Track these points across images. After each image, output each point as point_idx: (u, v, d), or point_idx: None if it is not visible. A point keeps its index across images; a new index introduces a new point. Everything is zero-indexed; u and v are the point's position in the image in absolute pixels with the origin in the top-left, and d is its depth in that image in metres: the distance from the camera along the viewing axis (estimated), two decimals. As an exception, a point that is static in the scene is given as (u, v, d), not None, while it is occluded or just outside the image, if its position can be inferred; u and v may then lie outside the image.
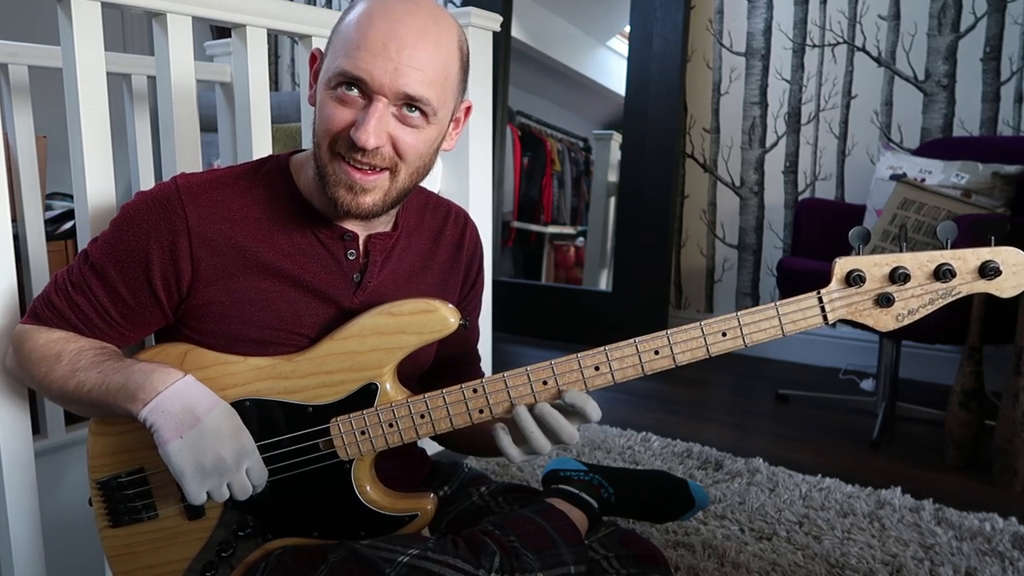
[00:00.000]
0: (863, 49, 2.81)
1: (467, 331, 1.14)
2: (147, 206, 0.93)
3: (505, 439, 0.91)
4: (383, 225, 1.01)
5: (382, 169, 0.90)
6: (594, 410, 0.89)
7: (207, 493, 0.87)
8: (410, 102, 0.87)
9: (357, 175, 0.89)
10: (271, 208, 0.96)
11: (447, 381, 0.94)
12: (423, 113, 0.88)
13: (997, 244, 0.85)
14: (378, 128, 0.86)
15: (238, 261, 0.94)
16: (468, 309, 1.15)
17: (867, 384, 2.64)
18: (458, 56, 0.92)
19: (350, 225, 0.97)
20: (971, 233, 1.84)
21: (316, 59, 0.96)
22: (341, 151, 0.89)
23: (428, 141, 0.91)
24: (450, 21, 0.91)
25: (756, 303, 3.13)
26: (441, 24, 0.89)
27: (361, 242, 0.99)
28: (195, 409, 0.86)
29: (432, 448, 1.72)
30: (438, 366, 1.11)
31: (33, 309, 0.98)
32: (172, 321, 0.97)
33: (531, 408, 0.90)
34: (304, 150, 1.02)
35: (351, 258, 0.98)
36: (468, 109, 1.00)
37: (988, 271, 0.84)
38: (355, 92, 0.87)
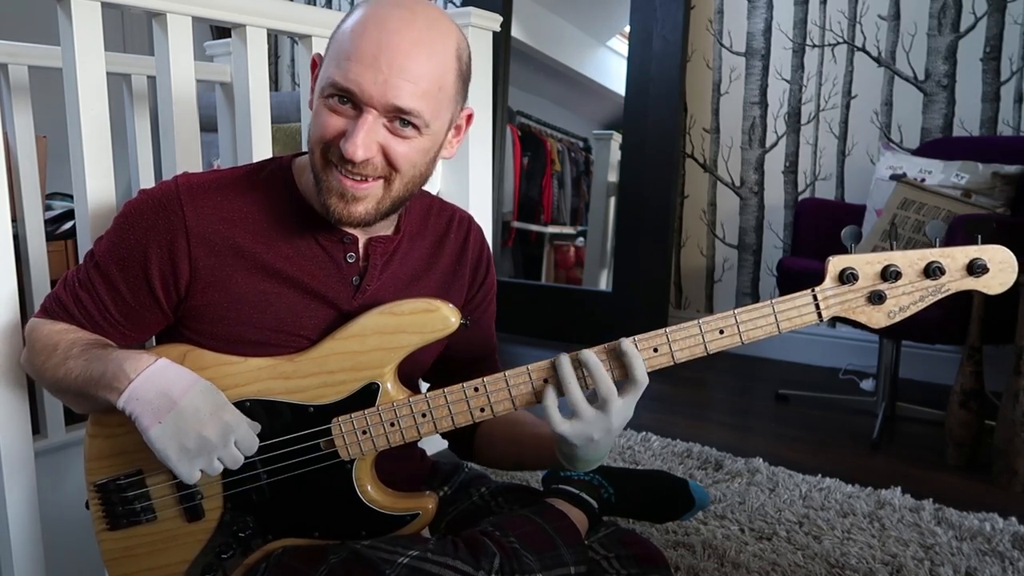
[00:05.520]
0: (863, 49, 2.81)
1: (483, 330, 1.15)
2: (147, 205, 0.94)
3: (551, 398, 0.88)
4: (384, 229, 1.00)
5: (375, 178, 0.89)
6: (640, 369, 0.87)
7: (200, 471, 0.87)
8: (400, 115, 0.86)
9: (349, 183, 0.88)
10: (271, 210, 0.96)
11: (467, 379, 0.93)
12: (415, 125, 0.87)
13: (984, 242, 0.87)
14: (367, 140, 0.85)
15: (237, 262, 0.94)
16: (479, 311, 1.14)
17: (867, 384, 2.63)
18: (455, 66, 0.90)
19: (350, 228, 0.97)
20: (963, 232, 1.85)
21: (316, 64, 0.95)
22: (333, 159, 0.88)
23: (421, 151, 0.90)
24: (448, 29, 0.89)
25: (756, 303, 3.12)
26: (437, 33, 0.87)
27: (361, 245, 0.99)
28: (170, 392, 0.86)
29: (432, 448, 1.72)
30: (456, 364, 1.11)
31: (44, 304, 0.99)
32: (172, 321, 0.97)
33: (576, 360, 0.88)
34: (304, 154, 1.02)
35: (350, 261, 0.98)
36: (469, 117, 0.98)
37: (976, 269, 0.86)
38: (346, 103, 0.86)
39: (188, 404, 0.85)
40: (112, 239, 0.95)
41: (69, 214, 2.21)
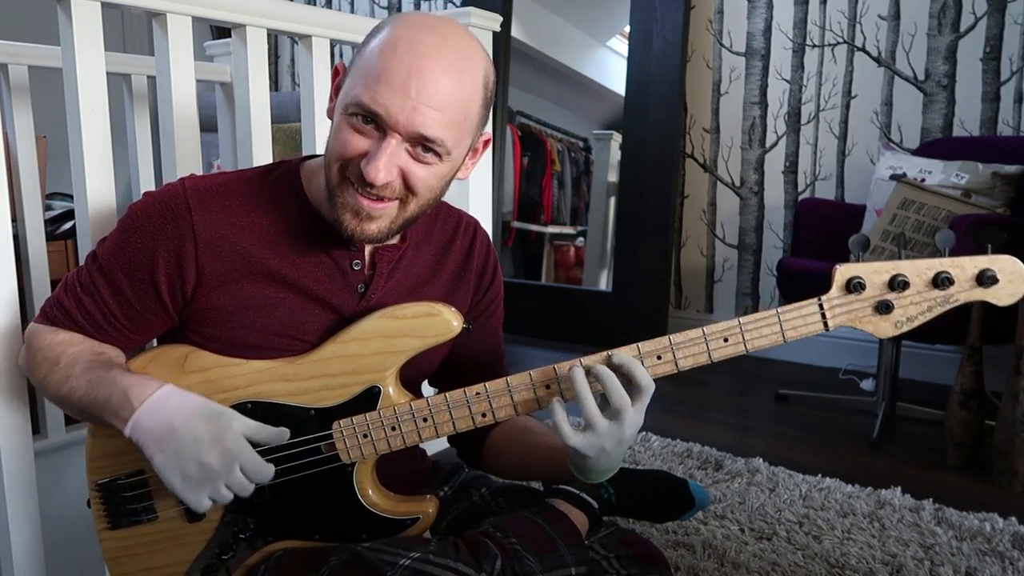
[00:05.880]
0: (863, 49, 2.81)
1: (490, 334, 1.14)
2: (154, 209, 0.93)
3: (560, 412, 0.87)
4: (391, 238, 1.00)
5: (392, 199, 0.89)
6: (643, 375, 0.85)
7: (210, 498, 0.86)
8: (424, 142, 0.85)
9: (365, 202, 0.88)
10: (278, 215, 0.96)
11: (473, 383, 0.93)
12: (436, 152, 0.87)
13: (994, 252, 0.86)
14: (389, 164, 0.85)
15: (243, 267, 0.93)
16: (485, 316, 1.13)
17: (867, 384, 2.64)
18: (482, 93, 0.89)
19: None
20: (969, 234, 1.85)
21: (339, 74, 0.94)
22: (351, 178, 0.88)
23: (440, 176, 0.90)
24: (477, 55, 0.88)
25: (756, 303, 3.13)
26: (467, 60, 0.86)
27: (367, 253, 0.98)
28: (172, 421, 0.86)
29: (432, 448, 1.72)
30: (462, 368, 1.11)
31: (44, 309, 0.98)
32: (177, 323, 0.97)
33: (587, 371, 0.87)
34: (317, 156, 1.01)
35: (356, 269, 0.97)
36: (487, 141, 0.98)
37: (985, 279, 0.85)
38: (371, 124, 0.85)
39: (188, 432, 0.85)
40: (117, 242, 0.94)
41: (69, 214, 2.21)
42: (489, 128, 0.97)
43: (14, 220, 1.18)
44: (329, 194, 0.90)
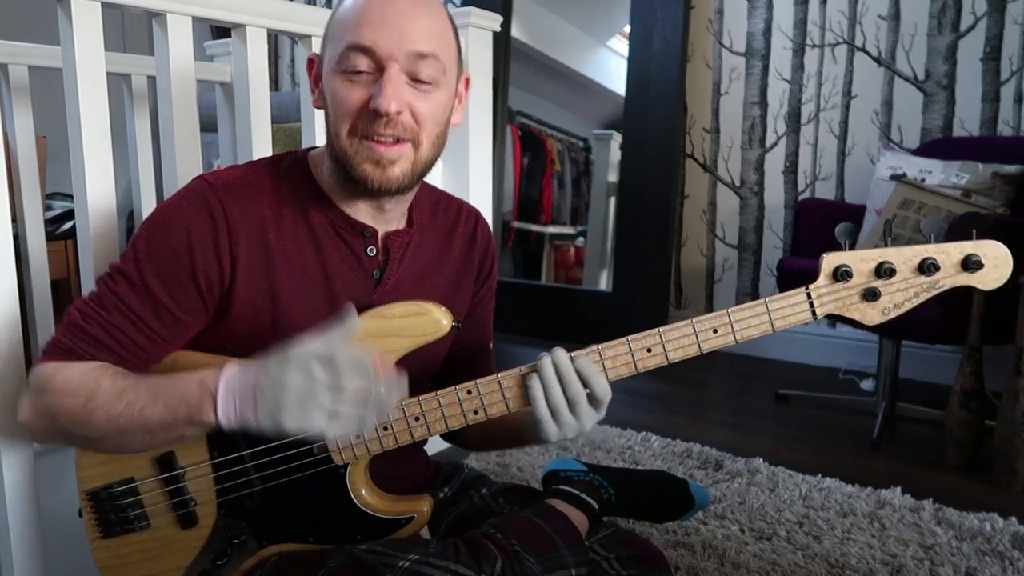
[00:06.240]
0: (863, 49, 2.81)
1: (483, 325, 1.16)
2: (183, 207, 0.91)
3: (537, 388, 0.89)
4: (399, 222, 1.01)
5: (405, 140, 0.90)
6: (600, 386, 0.89)
7: (328, 413, 0.78)
8: (419, 65, 0.88)
9: (382, 148, 0.88)
10: (294, 206, 0.96)
11: (463, 375, 0.94)
12: (433, 76, 0.89)
13: (979, 238, 0.87)
14: (396, 91, 0.87)
15: (267, 260, 0.93)
16: (480, 306, 1.14)
17: (867, 384, 2.63)
18: (451, 27, 0.94)
19: (369, 221, 0.97)
20: (960, 230, 1.85)
21: (313, 63, 0.96)
22: (362, 130, 0.88)
23: (442, 106, 0.92)
24: (439, 2, 0.94)
25: (756, 303, 3.13)
26: (430, 1, 0.92)
27: (380, 239, 0.99)
28: (248, 377, 0.81)
29: (433, 449, 1.72)
30: (453, 361, 1.11)
31: (58, 345, 0.89)
32: (210, 324, 0.94)
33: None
34: (317, 148, 1.01)
35: (371, 254, 0.98)
36: (467, 81, 1.01)
37: (971, 264, 0.86)
38: (363, 70, 0.87)
39: (263, 374, 0.80)
40: (146, 250, 0.90)
41: (69, 214, 2.22)
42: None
43: (14, 220, 1.17)
44: (343, 160, 0.90)
